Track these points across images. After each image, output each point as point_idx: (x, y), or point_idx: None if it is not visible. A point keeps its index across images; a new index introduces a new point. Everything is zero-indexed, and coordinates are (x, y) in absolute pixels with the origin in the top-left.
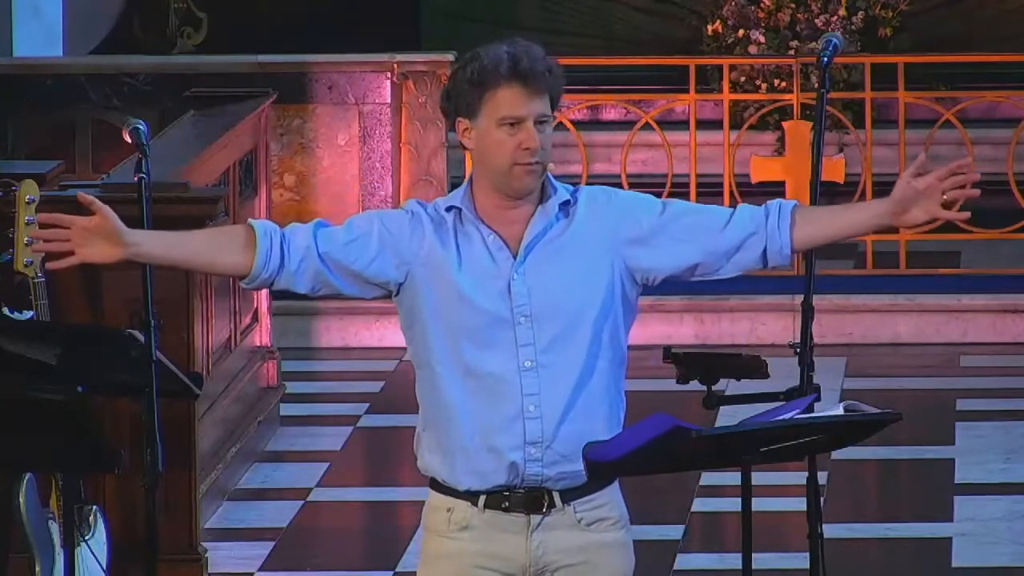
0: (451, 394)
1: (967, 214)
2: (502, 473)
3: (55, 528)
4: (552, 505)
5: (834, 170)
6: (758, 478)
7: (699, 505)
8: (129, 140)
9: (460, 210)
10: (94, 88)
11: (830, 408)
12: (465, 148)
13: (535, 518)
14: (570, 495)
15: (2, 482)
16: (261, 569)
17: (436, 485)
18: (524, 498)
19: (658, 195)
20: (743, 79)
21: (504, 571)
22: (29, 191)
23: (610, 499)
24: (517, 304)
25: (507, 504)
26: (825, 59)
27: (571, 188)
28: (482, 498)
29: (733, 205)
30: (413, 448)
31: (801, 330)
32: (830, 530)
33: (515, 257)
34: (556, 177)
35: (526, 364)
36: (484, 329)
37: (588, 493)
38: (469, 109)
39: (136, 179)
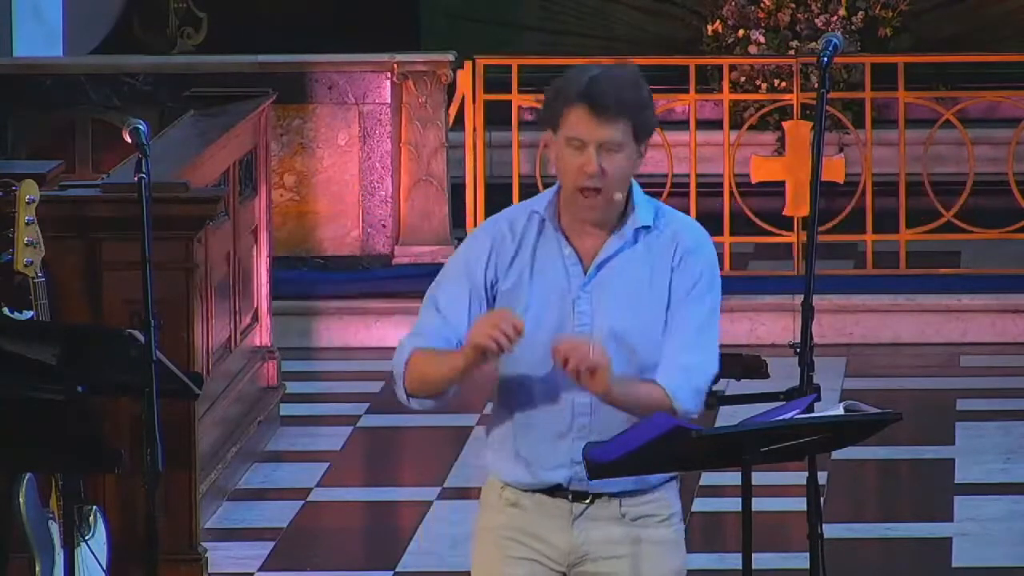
0: (510, 403)
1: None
2: (548, 484)
3: (55, 528)
4: (598, 496)
5: (834, 170)
6: (758, 478)
7: (699, 505)
8: (129, 140)
9: (542, 218)
10: (94, 88)
11: (830, 408)
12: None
13: (578, 507)
14: (617, 493)
15: (2, 482)
16: (261, 569)
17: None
18: (570, 491)
19: (658, 195)
20: (743, 79)
21: (542, 552)
22: (29, 191)
23: (661, 496)
24: (580, 322)
25: (554, 492)
26: (825, 59)
27: (657, 210)
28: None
29: (733, 205)
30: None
31: (801, 330)
32: (830, 530)
33: (585, 272)
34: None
35: None
36: (545, 342)
37: (640, 491)
38: (551, 122)
39: (136, 179)
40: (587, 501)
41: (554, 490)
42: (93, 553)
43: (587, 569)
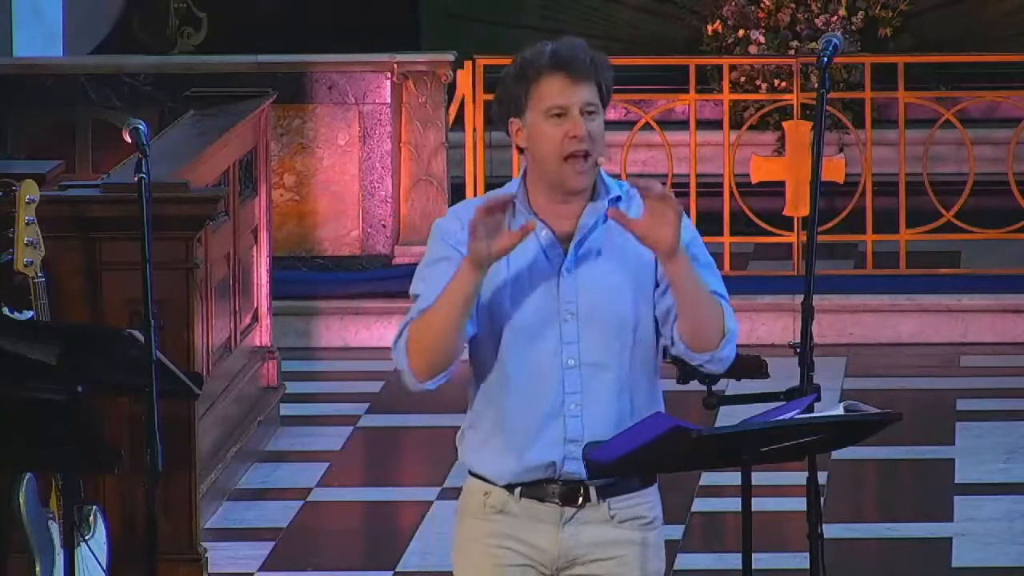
0: (496, 390)
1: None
2: (540, 469)
3: (55, 528)
4: (588, 500)
5: (834, 170)
6: (758, 478)
7: (699, 505)
8: (129, 140)
9: (514, 203)
10: (94, 88)
11: (830, 408)
12: (520, 151)
13: (568, 510)
14: (607, 492)
15: (2, 482)
16: (261, 569)
17: (475, 473)
18: (560, 490)
19: None
20: (743, 79)
21: (532, 558)
22: (29, 191)
23: (648, 499)
24: (565, 301)
25: (543, 494)
26: (825, 59)
27: (623, 184)
28: (519, 488)
29: (733, 205)
30: (455, 441)
31: (801, 330)
32: (830, 530)
33: (565, 254)
34: None
35: (569, 362)
36: (530, 325)
37: (626, 491)
38: (517, 106)
39: (136, 179)
40: (577, 503)
41: (544, 485)
42: (93, 553)
43: (576, 572)
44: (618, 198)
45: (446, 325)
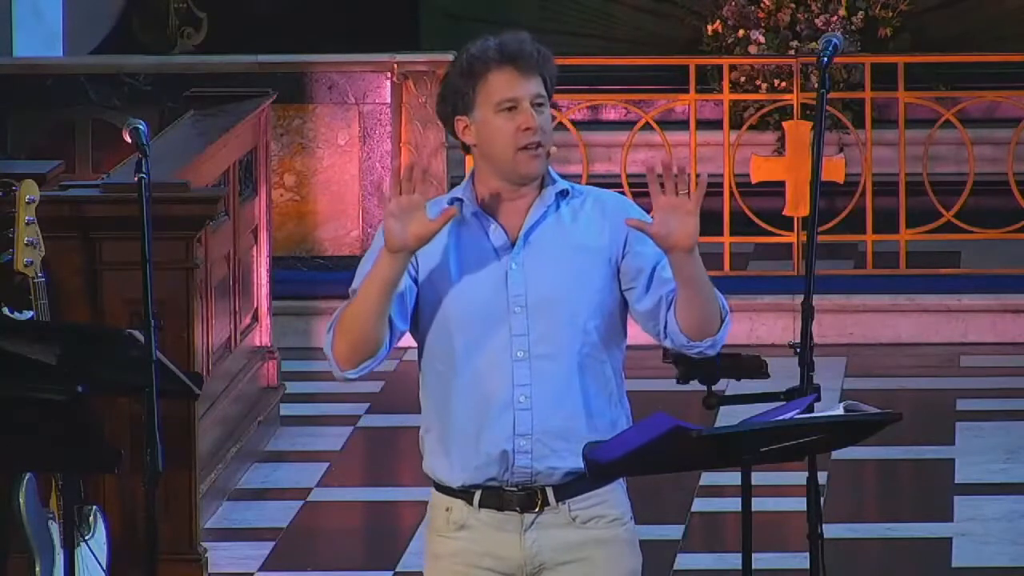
0: (447, 388)
1: (703, 181)
2: (492, 466)
3: (55, 528)
4: (546, 503)
5: (834, 170)
6: (758, 478)
7: (699, 505)
8: (129, 140)
9: (462, 201)
10: (94, 88)
11: (830, 408)
12: (466, 149)
13: (528, 516)
14: (564, 492)
15: (2, 482)
16: (261, 569)
17: (437, 484)
18: (517, 496)
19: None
20: (743, 79)
21: (500, 570)
22: (29, 191)
23: (607, 497)
24: (513, 293)
25: (501, 503)
26: (825, 59)
27: (570, 183)
28: (477, 495)
29: (733, 205)
30: (420, 449)
31: (801, 330)
32: (830, 530)
33: (513, 245)
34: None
35: (518, 354)
36: (479, 319)
37: (583, 491)
38: (465, 103)
39: (136, 179)
40: (536, 509)
41: (500, 492)
42: (93, 553)
43: None
44: (565, 192)
45: (366, 311)
